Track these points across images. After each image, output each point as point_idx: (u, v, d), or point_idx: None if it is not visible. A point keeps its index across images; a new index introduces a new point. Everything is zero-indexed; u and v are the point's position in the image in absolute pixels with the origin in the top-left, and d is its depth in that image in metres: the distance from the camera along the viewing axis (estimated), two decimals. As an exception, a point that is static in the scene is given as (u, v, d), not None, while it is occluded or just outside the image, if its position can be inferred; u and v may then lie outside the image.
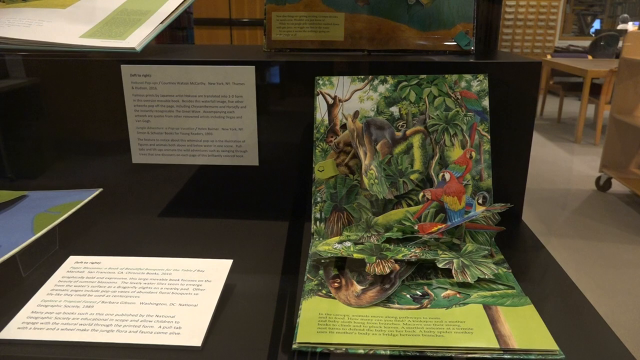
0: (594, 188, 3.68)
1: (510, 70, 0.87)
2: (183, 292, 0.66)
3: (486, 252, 0.75)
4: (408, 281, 0.69)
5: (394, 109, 0.83)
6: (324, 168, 0.82)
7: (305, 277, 0.70)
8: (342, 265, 0.73)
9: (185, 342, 0.58)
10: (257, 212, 0.95)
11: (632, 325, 2.10)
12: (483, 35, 1.12)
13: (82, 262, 0.73)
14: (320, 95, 0.84)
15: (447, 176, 0.80)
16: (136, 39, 0.94)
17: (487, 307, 0.63)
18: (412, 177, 0.81)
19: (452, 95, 0.82)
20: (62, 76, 0.93)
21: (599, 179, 3.65)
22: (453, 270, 0.69)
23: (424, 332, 0.58)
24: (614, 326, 0.62)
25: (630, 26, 7.15)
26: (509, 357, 0.55)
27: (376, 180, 0.78)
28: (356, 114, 0.83)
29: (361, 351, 0.56)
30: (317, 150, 0.83)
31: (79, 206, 0.82)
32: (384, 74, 0.84)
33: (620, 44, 6.22)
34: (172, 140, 0.93)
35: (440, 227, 0.77)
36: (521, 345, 0.56)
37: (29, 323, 0.61)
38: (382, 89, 0.83)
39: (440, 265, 0.70)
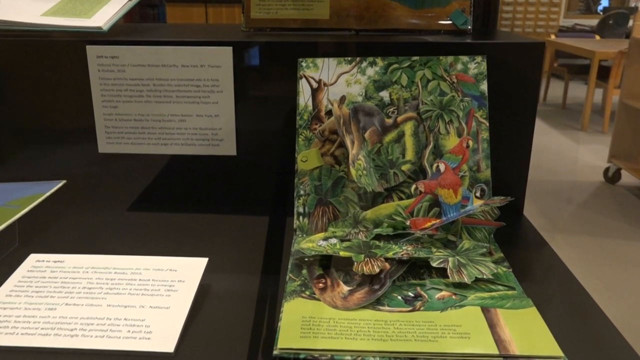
0: (602, 180, 3.71)
1: (510, 52, 0.87)
2: (154, 293, 0.66)
3: (484, 249, 0.75)
4: (399, 281, 0.69)
5: (384, 94, 0.83)
6: (307, 158, 0.82)
7: (287, 277, 0.70)
8: (327, 264, 0.73)
9: (156, 347, 0.58)
10: (235, 206, 0.95)
11: (641, 327, 2.13)
12: (481, 14, 1.12)
13: (43, 261, 0.72)
14: (304, 79, 0.84)
15: (442, 167, 0.80)
16: (103, 17, 0.93)
17: (485, 310, 0.63)
18: (404, 168, 0.81)
19: (448, 78, 0.82)
20: (22, 58, 0.92)
21: (607, 169, 3.68)
22: (448, 270, 0.69)
23: (417, 337, 0.59)
24: (623, 330, 0.62)
25: (642, 4, 7.19)
26: (507, 362, 0.56)
27: (364, 172, 0.78)
28: (343, 99, 0.83)
29: (348, 357, 0.56)
30: (300, 139, 0.82)
31: (40, 200, 0.82)
32: (373, 55, 0.84)
33: (630, 22, 6.26)
34: (142, 128, 0.92)
35: (434, 222, 0.77)
36: (522, 352, 0.56)
37: (-16, 328, 0.61)
38: (371, 71, 0.83)
39: (434, 264, 0.70)
